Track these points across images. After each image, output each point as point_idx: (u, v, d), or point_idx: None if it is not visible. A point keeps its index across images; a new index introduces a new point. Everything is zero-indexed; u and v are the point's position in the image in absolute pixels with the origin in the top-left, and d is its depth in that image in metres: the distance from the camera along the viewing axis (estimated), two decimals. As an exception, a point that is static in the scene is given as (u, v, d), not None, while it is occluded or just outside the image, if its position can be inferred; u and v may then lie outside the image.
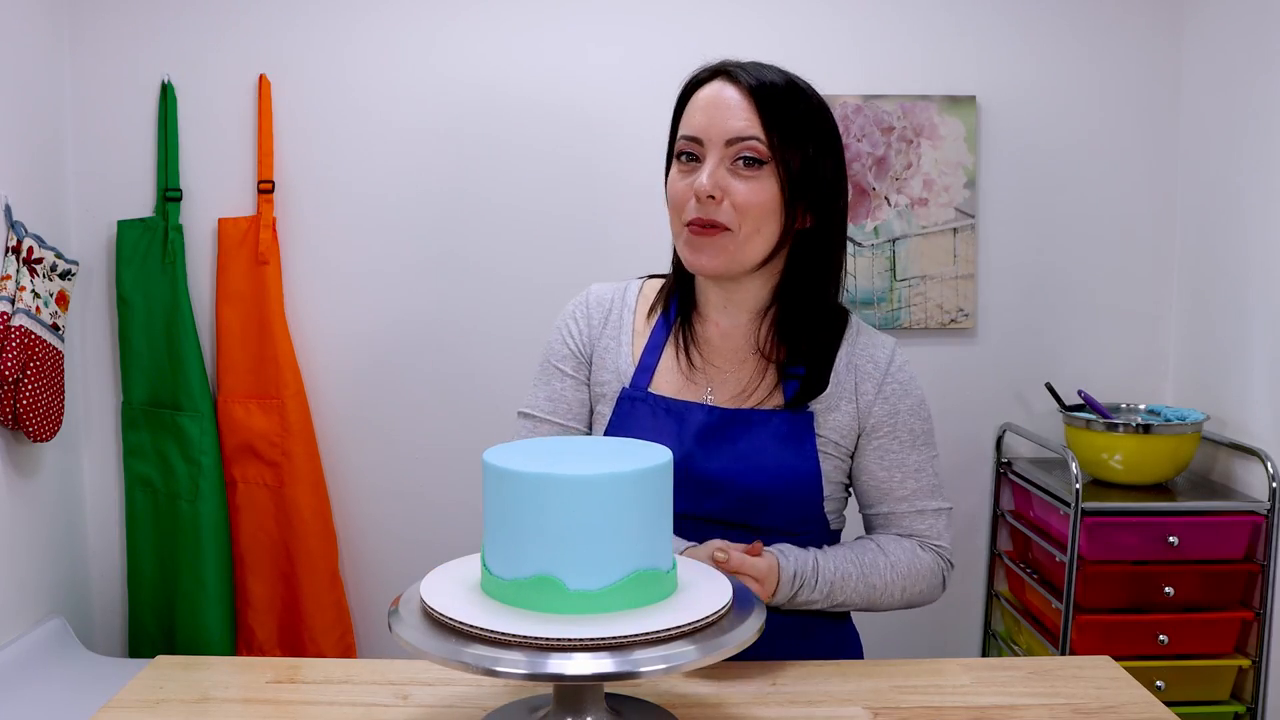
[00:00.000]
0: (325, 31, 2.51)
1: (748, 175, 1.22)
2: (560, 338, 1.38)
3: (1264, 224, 2.27)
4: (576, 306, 1.39)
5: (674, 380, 1.32)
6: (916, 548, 1.31)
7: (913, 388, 1.32)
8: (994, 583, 2.70)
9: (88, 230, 2.51)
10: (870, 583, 1.27)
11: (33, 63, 2.36)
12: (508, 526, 0.96)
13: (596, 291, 1.40)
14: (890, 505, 1.32)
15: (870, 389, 1.30)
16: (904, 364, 1.33)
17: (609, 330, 1.36)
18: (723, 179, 1.22)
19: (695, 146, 1.24)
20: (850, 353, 1.31)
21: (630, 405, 1.30)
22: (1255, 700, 2.24)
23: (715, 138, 1.22)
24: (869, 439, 1.30)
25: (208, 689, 1.19)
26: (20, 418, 2.18)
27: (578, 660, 0.88)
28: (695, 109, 1.25)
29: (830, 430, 1.29)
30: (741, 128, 1.21)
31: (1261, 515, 2.23)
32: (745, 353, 1.32)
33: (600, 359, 1.35)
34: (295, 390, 2.50)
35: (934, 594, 1.32)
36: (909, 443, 1.31)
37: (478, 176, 2.55)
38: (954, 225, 2.58)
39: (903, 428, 1.30)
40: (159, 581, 2.52)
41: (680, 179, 1.26)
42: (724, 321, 1.33)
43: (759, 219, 1.22)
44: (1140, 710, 1.15)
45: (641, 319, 1.36)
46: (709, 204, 1.22)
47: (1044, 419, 2.63)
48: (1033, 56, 2.58)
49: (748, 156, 1.21)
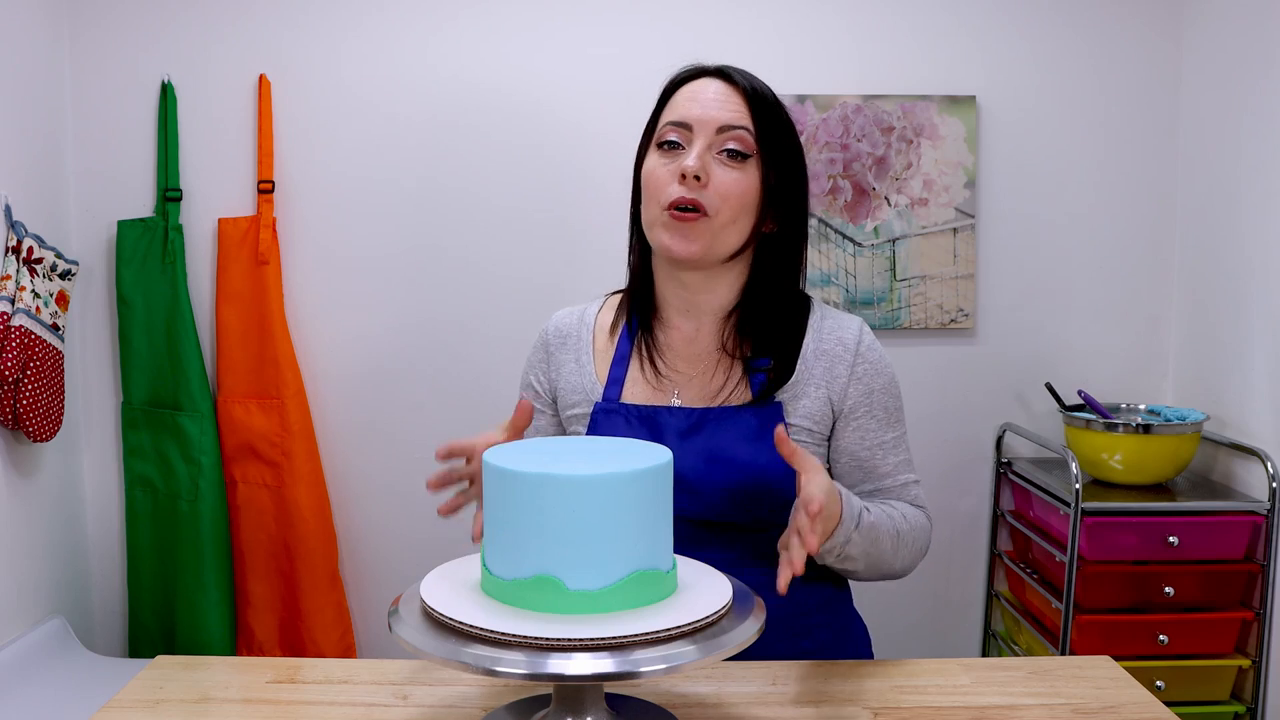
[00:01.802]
0: (325, 31, 2.52)
1: (732, 165, 1.25)
2: (525, 371, 1.44)
3: (1264, 224, 2.27)
4: (538, 339, 1.44)
5: (642, 390, 1.34)
6: (913, 509, 1.33)
7: (884, 365, 1.34)
8: (994, 583, 2.70)
9: (88, 230, 2.51)
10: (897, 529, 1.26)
11: (33, 63, 2.36)
12: (508, 526, 0.96)
13: (556, 320, 1.43)
14: (875, 483, 1.32)
15: (843, 371, 1.31)
16: (872, 342, 1.34)
17: (568, 355, 1.39)
18: (709, 163, 1.25)
19: (683, 133, 1.27)
20: (817, 338, 1.32)
21: (605, 417, 1.32)
22: (1255, 700, 2.24)
23: (707, 123, 1.26)
24: (847, 420, 1.31)
25: (208, 689, 1.19)
26: (20, 418, 2.18)
27: (578, 660, 0.88)
28: (685, 98, 1.29)
29: (801, 418, 1.29)
30: (734, 117, 1.25)
31: (1261, 515, 2.23)
32: (710, 354, 1.33)
33: (565, 384, 1.38)
34: (295, 390, 2.50)
35: (922, 556, 1.34)
36: (885, 420, 1.32)
37: (478, 176, 2.55)
38: (954, 225, 2.58)
39: (879, 406, 1.32)
40: (159, 581, 2.52)
41: (661, 165, 1.28)
42: (686, 326, 1.35)
43: (737, 209, 1.26)
44: (1140, 710, 1.15)
45: (603, 336, 1.39)
46: (693, 184, 1.24)
47: (1044, 419, 2.63)
48: (1033, 56, 2.58)
49: (733, 149, 1.25)
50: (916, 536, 1.30)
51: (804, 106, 2.53)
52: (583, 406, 1.35)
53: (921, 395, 2.56)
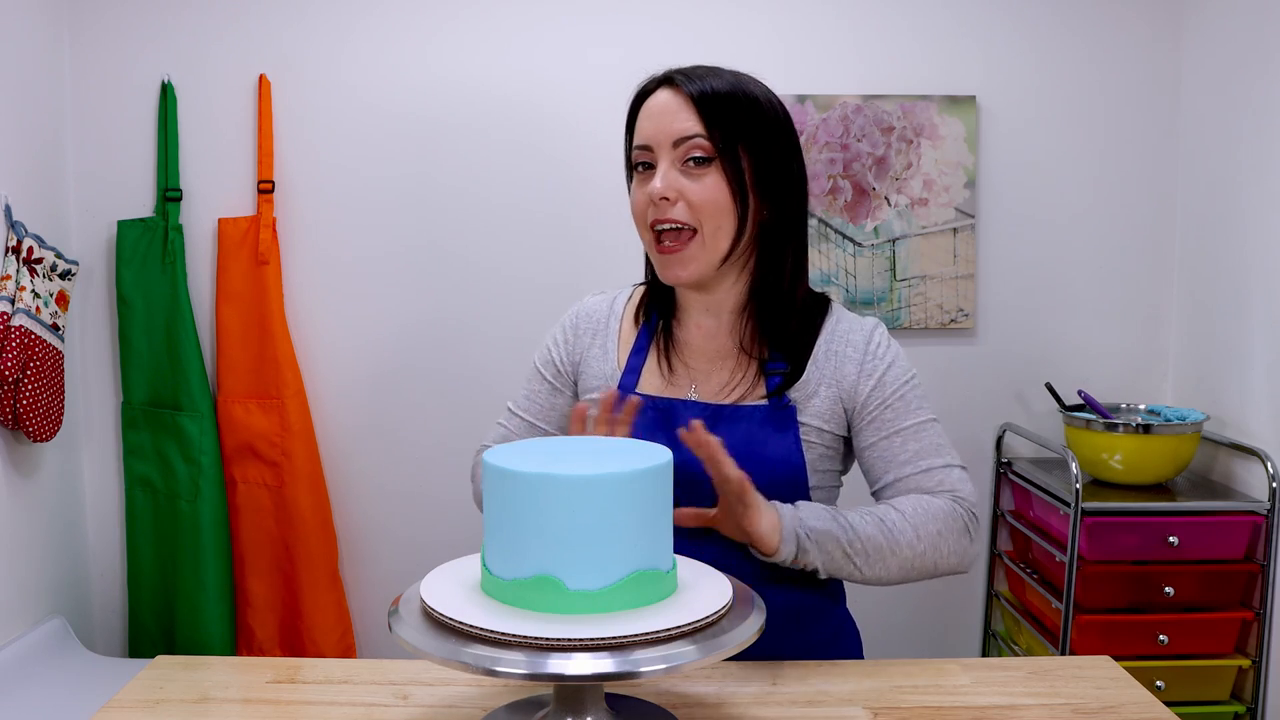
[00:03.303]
0: (325, 31, 2.52)
1: (698, 174, 1.26)
2: (547, 345, 1.45)
3: (1264, 224, 2.27)
4: (566, 319, 1.45)
5: (658, 381, 1.35)
6: (925, 496, 1.28)
7: (895, 359, 1.33)
8: (994, 583, 2.70)
9: (88, 230, 2.51)
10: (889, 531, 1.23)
11: (33, 63, 2.36)
12: (508, 526, 0.96)
13: (588, 303, 1.46)
14: (895, 471, 1.30)
15: (851, 370, 1.31)
16: (884, 341, 1.34)
17: (596, 340, 1.41)
18: (675, 180, 1.26)
19: (648, 154, 1.29)
20: (829, 339, 1.33)
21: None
22: (1255, 700, 2.24)
23: (663, 141, 1.27)
24: (862, 417, 1.31)
25: (208, 689, 1.19)
26: (20, 418, 2.18)
27: (578, 660, 0.88)
28: (644, 117, 1.30)
29: (812, 417, 1.30)
30: (685, 128, 1.26)
31: (1261, 515, 2.23)
32: (728, 351, 1.35)
33: (588, 368, 1.40)
34: (295, 390, 2.50)
35: (959, 542, 1.27)
36: (902, 410, 1.31)
37: (478, 176, 2.55)
38: (954, 225, 2.58)
39: (893, 397, 1.31)
40: (159, 581, 2.52)
41: (639, 190, 1.31)
42: (706, 323, 1.36)
43: (716, 215, 1.26)
44: (1140, 710, 1.15)
45: (629, 325, 1.41)
46: (664, 205, 1.26)
47: (1044, 419, 2.63)
48: (1033, 56, 2.58)
49: (695, 157, 1.26)
50: (922, 523, 1.24)
51: (804, 106, 2.53)
52: (602, 390, 1.35)
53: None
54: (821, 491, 1.32)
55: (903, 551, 1.23)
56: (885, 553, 1.23)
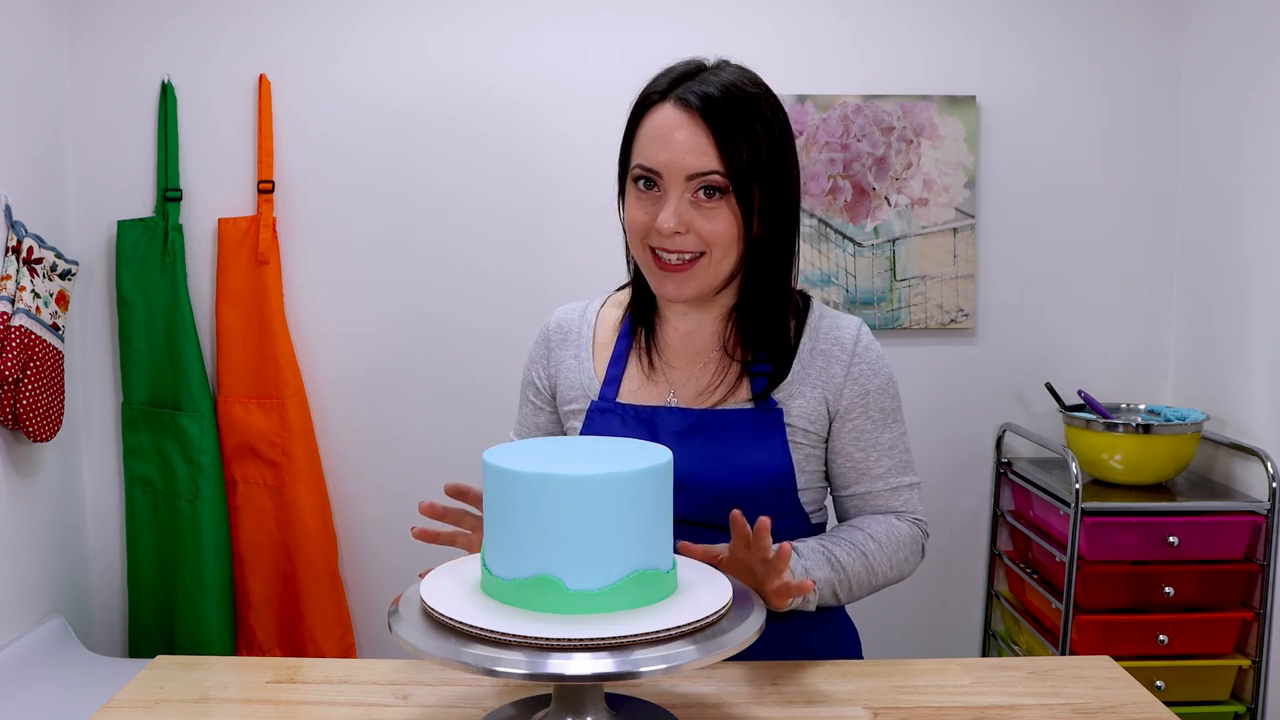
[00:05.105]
0: (325, 31, 2.51)
1: (710, 206, 1.22)
2: (526, 367, 1.44)
3: (1264, 224, 2.27)
4: (538, 337, 1.43)
5: (639, 388, 1.33)
6: (893, 519, 1.32)
7: (881, 365, 1.33)
8: (994, 583, 2.70)
9: (88, 230, 2.51)
10: (870, 566, 1.27)
11: (33, 63, 2.36)
12: (508, 526, 0.96)
13: (558, 315, 1.43)
14: (867, 485, 1.32)
15: (839, 371, 1.30)
16: (870, 343, 1.33)
17: (569, 351, 1.39)
18: (685, 213, 1.22)
19: (654, 176, 1.23)
20: (813, 338, 1.32)
21: (601, 416, 1.32)
22: (1255, 700, 2.24)
23: (676, 174, 1.21)
24: (842, 421, 1.31)
25: (208, 689, 1.19)
26: (20, 418, 2.18)
27: (578, 660, 0.88)
28: (651, 137, 1.23)
29: (798, 418, 1.29)
30: (703, 164, 1.20)
31: (1261, 515, 2.23)
32: (708, 352, 1.33)
33: (565, 380, 1.38)
34: (295, 390, 2.50)
35: (914, 562, 1.33)
36: (881, 421, 1.32)
37: (478, 176, 2.55)
38: (954, 225, 2.58)
39: (874, 407, 1.31)
40: (159, 581, 2.52)
41: (639, 207, 1.25)
42: (684, 325, 1.34)
43: (726, 244, 1.23)
44: (1140, 710, 1.15)
45: (604, 333, 1.39)
46: (675, 238, 1.22)
47: (1044, 419, 2.63)
48: (1033, 56, 2.58)
49: (708, 188, 1.21)
50: (893, 557, 1.29)
51: (804, 106, 2.53)
52: (579, 403, 1.35)
53: (921, 395, 2.57)
54: (809, 493, 1.32)
55: (877, 581, 1.29)
56: (865, 585, 1.28)
